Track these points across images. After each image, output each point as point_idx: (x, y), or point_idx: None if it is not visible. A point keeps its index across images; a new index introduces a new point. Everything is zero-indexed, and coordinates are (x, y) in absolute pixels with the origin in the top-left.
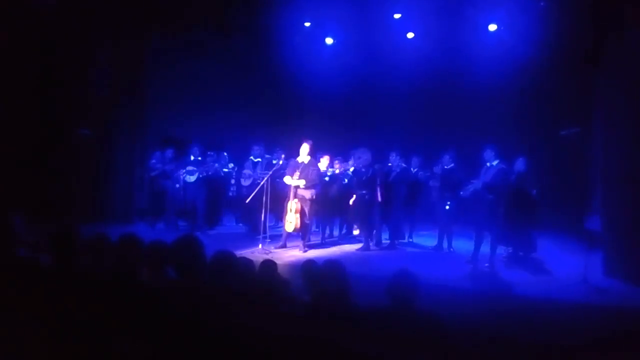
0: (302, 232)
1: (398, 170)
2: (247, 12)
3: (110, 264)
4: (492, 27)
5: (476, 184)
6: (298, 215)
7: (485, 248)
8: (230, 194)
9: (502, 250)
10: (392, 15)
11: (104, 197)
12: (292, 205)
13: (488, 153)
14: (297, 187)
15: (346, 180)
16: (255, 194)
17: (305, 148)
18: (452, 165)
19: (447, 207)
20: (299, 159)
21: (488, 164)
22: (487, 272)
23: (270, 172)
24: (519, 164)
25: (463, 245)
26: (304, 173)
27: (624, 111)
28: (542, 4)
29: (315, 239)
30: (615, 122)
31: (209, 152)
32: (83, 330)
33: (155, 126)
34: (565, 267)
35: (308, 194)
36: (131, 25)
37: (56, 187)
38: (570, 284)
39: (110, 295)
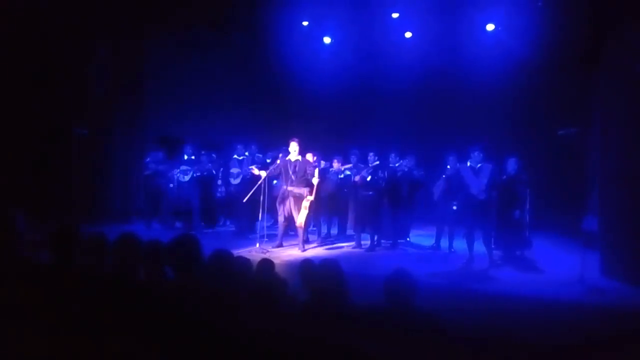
0: (302, 231)
1: (405, 170)
2: (245, 11)
3: (109, 263)
4: (490, 27)
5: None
6: (307, 211)
7: (481, 247)
8: (218, 194)
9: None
10: (390, 15)
11: (101, 197)
12: (305, 202)
13: (477, 155)
14: (293, 185)
15: (342, 175)
16: (252, 193)
17: (294, 146)
18: (457, 166)
19: (454, 208)
20: (292, 158)
21: (479, 165)
22: (484, 271)
23: (267, 172)
24: (511, 164)
25: (461, 245)
26: (301, 171)
27: (623, 111)
28: (539, 3)
29: (312, 238)
30: (614, 123)
31: (202, 152)
32: (82, 329)
33: (153, 125)
34: (562, 267)
35: (305, 191)
36: (129, 24)
37: (55, 186)
38: (567, 283)
39: (109, 293)
